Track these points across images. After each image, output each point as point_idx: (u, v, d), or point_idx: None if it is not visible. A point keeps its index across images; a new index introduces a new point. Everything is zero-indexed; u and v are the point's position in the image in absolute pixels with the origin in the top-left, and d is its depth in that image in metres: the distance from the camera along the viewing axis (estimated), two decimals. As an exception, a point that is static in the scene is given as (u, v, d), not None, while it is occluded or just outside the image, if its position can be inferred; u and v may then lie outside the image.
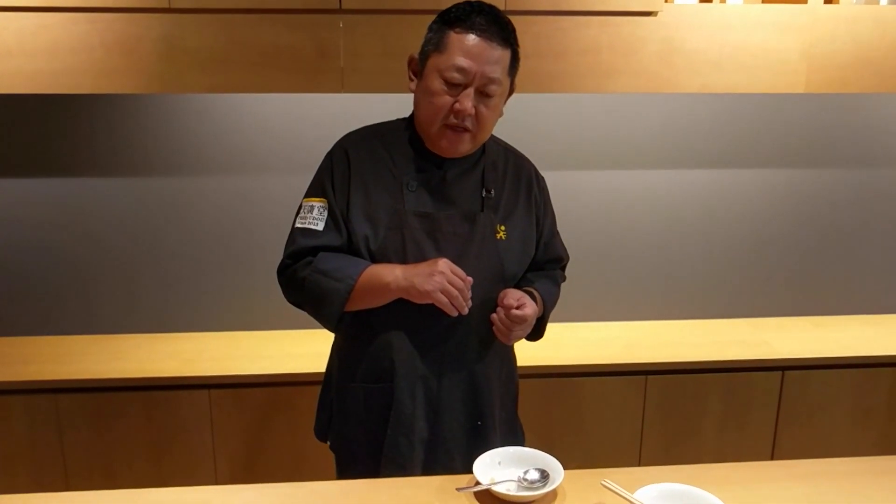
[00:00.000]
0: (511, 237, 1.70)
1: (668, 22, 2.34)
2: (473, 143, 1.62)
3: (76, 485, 2.46)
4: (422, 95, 1.60)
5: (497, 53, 1.54)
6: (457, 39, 1.53)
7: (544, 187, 1.82)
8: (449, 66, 1.53)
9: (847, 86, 2.45)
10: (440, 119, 1.57)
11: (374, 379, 1.69)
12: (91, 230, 2.71)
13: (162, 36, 2.22)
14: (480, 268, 1.65)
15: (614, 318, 2.95)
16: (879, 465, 1.65)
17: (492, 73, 1.53)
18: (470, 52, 1.52)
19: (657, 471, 1.59)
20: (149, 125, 2.64)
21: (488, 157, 1.72)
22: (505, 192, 1.72)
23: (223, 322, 2.81)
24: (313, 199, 1.67)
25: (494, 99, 1.58)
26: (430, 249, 1.62)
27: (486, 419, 1.74)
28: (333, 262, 1.62)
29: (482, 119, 1.58)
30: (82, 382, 2.40)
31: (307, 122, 2.67)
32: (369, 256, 1.63)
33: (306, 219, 1.66)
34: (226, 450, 2.50)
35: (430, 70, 1.57)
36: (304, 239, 1.65)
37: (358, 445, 1.73)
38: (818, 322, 2.97)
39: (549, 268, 1.87)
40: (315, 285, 1.62)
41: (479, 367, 1.72)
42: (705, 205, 2.90)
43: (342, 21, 2.25)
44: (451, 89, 1.55)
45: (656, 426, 2.62)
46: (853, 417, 2.68)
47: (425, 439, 1.70)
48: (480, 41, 1.52)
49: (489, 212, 1.67)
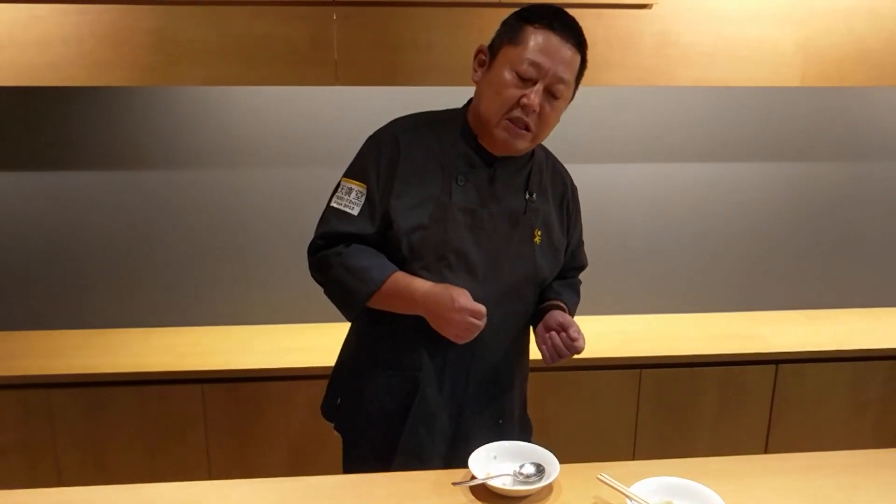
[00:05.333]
0: (545, 243, 1.71)
1: (663, 15, 2.34)
2: (531, 142, 1.60)
3: (69, 480, 2.45)
4: (488, 86, 1.57)
5: (570, 55, 1.53)
6: (533, 34, 1.52)
7: (577, 198, 1.84)
8: (523, 60, 1.51)
9: (843, 79, 2.44)
10: (504, 111, 1.55)
11: (399, 366, 1.68)
12: (83, 224, 2.69)
13: (154, 28, 2.20)
14: (516, 268, 1.67)
15: (609, 311, 2.95)
16: (874, 457, 1.66)
17: (563, 73, 1.52)
18: (546, 49, 1.51)
19: (653, 464, 1.59)
20: (141, 118, 2.62)
21: (536, 161, 1.71)
22: (545, 198, 1.73)
23: (216, 316, 2.80)
24: (353, 182, 1.63)
25: (559, 102, 1.56)
26: (470, 245, 1.61)
27: (507, 418, 1.76)
28: (362, 261, 1.60)
29: (545, 119, 1.56)
30: (75, 377, 2.39)
31: (300, 114, 2.65)
32: (408, 246, 1.60)
33: (343, 200, 1.63)
34: (219, 444, 2.50)
35: (502, 61, 1.54)
36: (337, 221, 1.62)
37: (370, 429, 1.72)
38: (812, 315, 2.98)
39: (570, 275, 1.90)
40: (339, 280, 1.61)
41: (505, 367, 1.73)
42: (700, 198, 2.90)
43: (335, 13, 2.23)
44: (521, 84, 1.53)
45: (651, 419, 2.62)
46: (847, 410, 2.69)
47: (447, 434, 1.70)
48: (557, 40, 1.51)
49: (531, 215, 1.68)
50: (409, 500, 1.46)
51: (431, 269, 1.60)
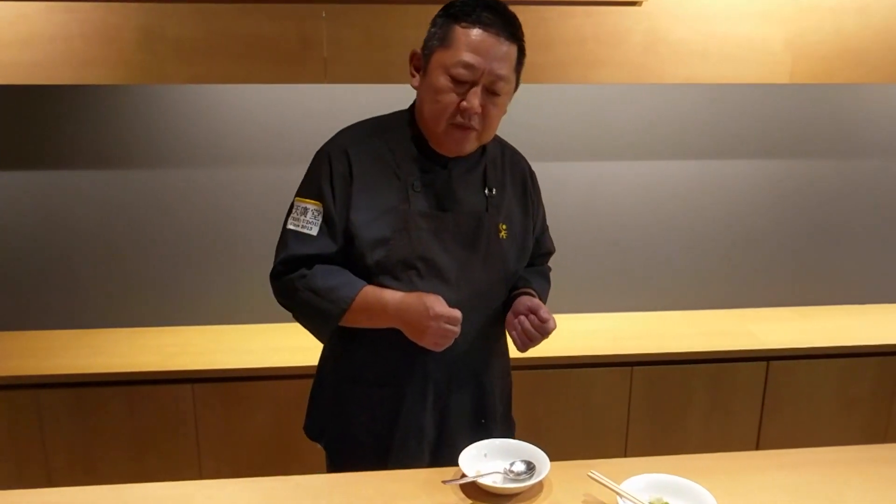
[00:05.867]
0: (512, 236, 1.68)
1: (652, 12, 2.33)
2: (479, 141, 1.58)
3: (58, 481, 2.44)
4: (426, 93, 1.54)
5: (504, 49, 1.48)
6: (463, 34, 1.47)
7: (536, 183, 1.80)
8: (455, 63, 1.47)
9: (831, 76, 2.45)
10: (447, 117, 1.51)
11: (381, 382, 1.65)
12: (72, 223, 2.67)
13: (142, 26, 2.19)
14: (486, 267, 1.64)
15: (600, 309, 2.96)
16: (864, 453, 1.66)
17: (499, 69, 1.48)
18: (477, 48, 1.46)
19: (644, 461, 1.59)
20: (129, 117, 2.61)
21: (489, 155, 1.68)
22: (505, 190, 1.69)
23: (206, 316, 2.79)
24: (307, 201, 1.58)
25: (501, 98, 1.53)
26: (437, 251, 1.59)
27: (489, 416, 1.75)
28: (328, 280, 1.56)
29: (489, 118, 1.53)
30: (64, 377, 2.38)
31: (290, 112, 2.64)
32: (373, 260, 1.56)
33: (299, 221, 1.58)
34: (210, 444, 2.49)
35: (435, 66, 1.51)
36: (297, 244, 1.58)
37: (360, 447, 1.69)
38: (803, 312, 2.98)
39: (538, 262, 1.86)
40: (308, 303, 1.57)
41: (485, 367, 1.72)
42: (690, 195, 2.90)
43: (325, 10, 2.22)
44: (458, 87, 1.49)
45: (642, 417, 2.62)
46: (837, 406, 2.70)
47: (431, 439, 1.69)
48: (488, 36, 1.46)
49: (493, 211, 1.65)
50: (399, 499, 1.46)
51: (401, 279, 1.57)
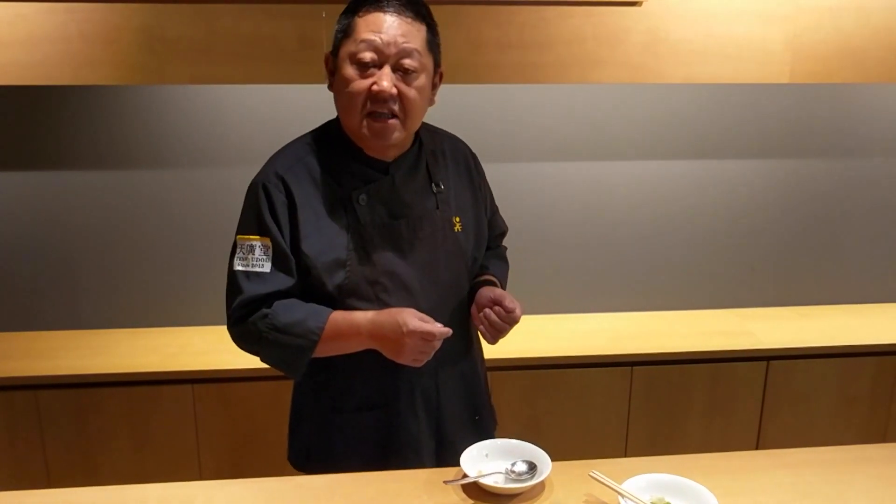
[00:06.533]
0: (466, 226, 1.64)
1: (652, 12, 2.34)
2: (405, 129, 1.49)
3: (58, 482, 2.43)
4: (338, 90, 1.49)
5: (408, 26, 1.43)
6: (363, 21, 1.43)
7: (479, 164, 1.75)
8: (358, 46, 1.42)
9: (831, 76, 2.45)
10: (359, 107, 1.45)
11: (367, 406, 1.61)
12: (71, 224, 2.67)
13: (142, 26, 2.19)
14: (448, 266, 1.61)
15: (599, 309, 2.95)
16: (863, 453, 1.66)
17: (406, 43, 1.42)
18: (378, 27, 1.41)
19: (645, 461, 1.59)
20: (129, 117, 2.60)
21: (427, 149, 1.63)
22: (451, 181, 1.64)
23: (206, 316, 2.78)
24: (252, 238, 1.51)
25: (417, 77, 1.46)
26: (398, 261, 1.54)
27: (482, 410, 1.74)
28: (292, 315, 1.49)
29: (407, 101, 1.45)
30: (63, 378, 2.38)
31: (290, 113, 2.64)
32: (334, 286, 1.51)
33: (248, 260, 1.50)
34: (210, 445, 2.48)
35: (342, 59, 1.46)
36: (250, 285, 1.50)
37: (352, 470, 1.59)
38: (802, 312, 2.98)
39: (493, 244, 1.83)
40: (275, 343, 1.50)
41: (467, 365, 1.71)
42: (690, 195, 2.90)
43: (325, 11, 2.22)
44: (365, 71, 1.43)
45: (642, 417, 2.62)
46: (837, 406, 2.70)
47: (432, 448, 1.67)
48: (388, 15, 1.42)
49: (443, 207, 1.61)
50: (401, 499, 1.46)
51: (367, 297, 1.52)
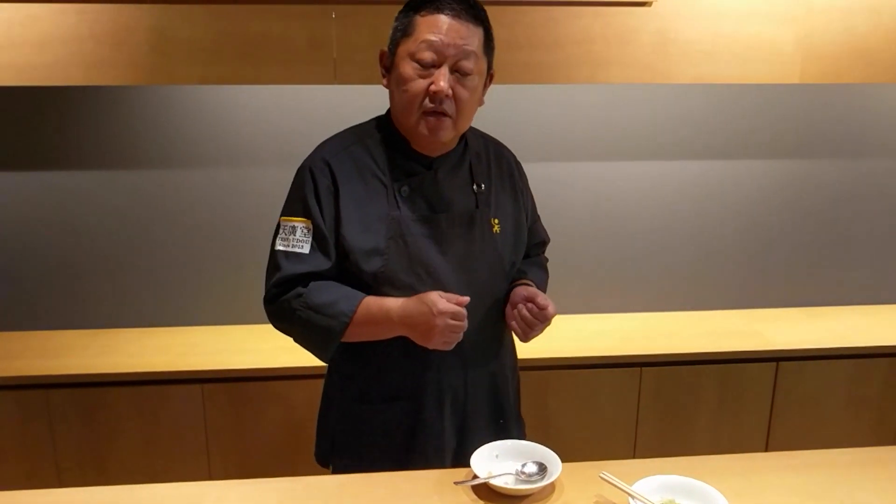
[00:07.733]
0: (505, 229, 1.67)
1: (661, 12, 2.33)
2: (455, 130, 1.54)
3: (68, 481, 2.44)
4: (395, 87, 1.53)
5: (467, 29, 1.47)
6: (423, 21, 1.47)
7: (523, 172, 1.78)
8: (418, 46, 1.46)
9: (841, 76, 2.44)
10: (417, 106, 1.49)
11: (394, 397, 1.62)
12: (82, 224, 2.68)
13: (152, 27, 2.19)
14: (484, 264, 1.63)
15: (609, 310, 2.95)
16: (874, 455, 1.65)
17: (465, 45, 1.46)
18: (439, 28, 1.45)
19: (655, 462, 1.59)
20: (139, 118, 2.61)
21: (472, 150, 1.66)
22: (492, 183, 1.67)
23: (216, 316, 2.79)
24: (295, 219, 1.56)
25: (472, 79, 1.50)
26: (434, 255, 1.57)
27: (507, 415, 1.74)
28: (326, 296, 1.52)
29: (461, 102, 1.50)
30: (74, 377, 2.39)
31: (299, 113, 2.64)
32: (370, 272, 1.54)
33: (289, 240, 1.55)
34: (219, 445, 2.49)
35: (401, 57, 1.50)
36: (289, 264, 1.54)
37: (374, 465, 1.61)
38: (812, 313, 2.97)
39: (534, 252, 1.85)
40: (307, 322, 1.53)
41: (497, 366, 1.71)
42: (699, 196, 2.89)
43: (335, 11, 2.22)
44: (424, 71, 1.47)
45: (651, 417, 2.62)
46: (847, 407, 2.69)
47: (453, 446, 1.67)
48: (449, 18, 1.46)
49: (483, 207, 1.64)
50: (412, 500, 1.46)
51: (401, 287, 1.54)
